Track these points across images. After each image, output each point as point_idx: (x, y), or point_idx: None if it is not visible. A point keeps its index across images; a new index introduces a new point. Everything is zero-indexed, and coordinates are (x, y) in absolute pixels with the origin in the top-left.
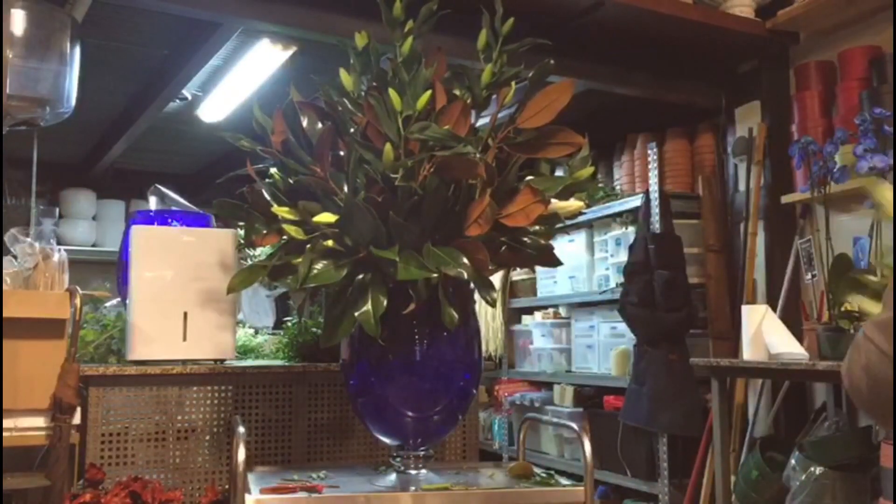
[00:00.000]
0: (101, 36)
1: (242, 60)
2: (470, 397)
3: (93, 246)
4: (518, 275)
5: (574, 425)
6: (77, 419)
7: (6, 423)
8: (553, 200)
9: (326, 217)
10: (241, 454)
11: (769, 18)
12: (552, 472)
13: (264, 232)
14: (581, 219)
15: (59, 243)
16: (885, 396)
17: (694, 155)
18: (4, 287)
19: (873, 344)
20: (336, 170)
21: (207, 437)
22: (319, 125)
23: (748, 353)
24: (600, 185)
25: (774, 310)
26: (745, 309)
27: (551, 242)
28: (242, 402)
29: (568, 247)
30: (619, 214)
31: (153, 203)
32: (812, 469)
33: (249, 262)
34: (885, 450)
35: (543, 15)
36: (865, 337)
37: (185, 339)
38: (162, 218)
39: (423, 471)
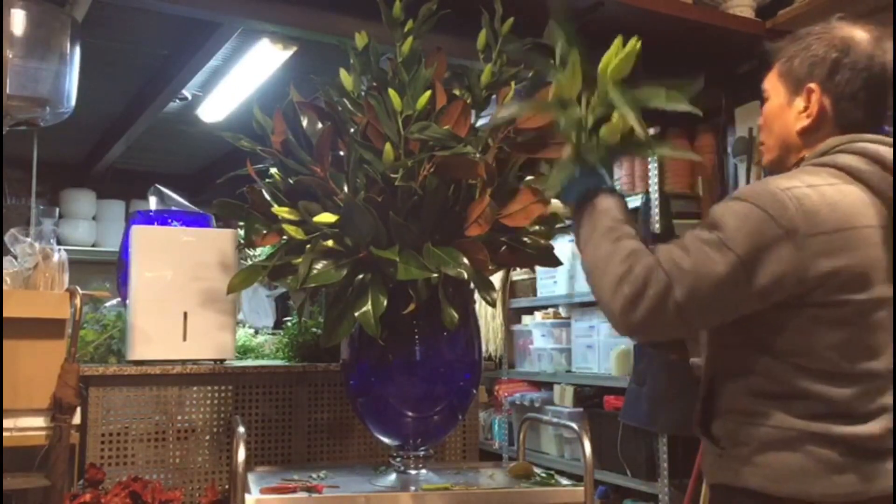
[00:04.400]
0: (101, 36)
1: (242, 60)
2: (470, 397)
3: (93, 246)
4: (518, 275)
5: (574, 425)
6: (77, 419)
7: (6, 423)
8: (553, 200)
9: (326, 217)
10: (241, 454)
11: (769, 18)
12: (552, 472)
13: (264, 232)
14: None
15: (59, 243)
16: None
17: None
18: (4, 287)
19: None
20: (336, 170)
21: (207, 437)
22: (319, 125)
23: None
24: None
25: None
26: None
27: (551, 242)
28: (242, 402)
29: (568, 247)
30: None
31: (153, 203)
32: None
33: (249, 262)
34: None
35: (543, 15)
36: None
37: (185, 339)
38: (162, 218)
39: (423, 471)
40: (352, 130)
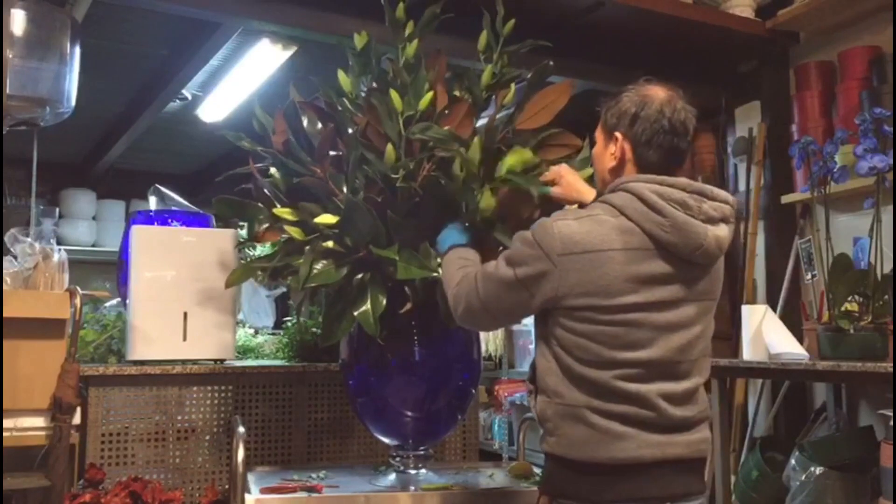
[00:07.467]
0: (101, 36)
1: (242, 60)
2: (469, 397)
3: (93, 246)
4: None
5: None
6: (77, 419)
7: (6, 423)
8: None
9: (327, 219)
10: (241, 454)
11: (769, 18)
12: None
13: (266, 225)
14: None
15: (59, 243)
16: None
17: (694, 155)
18: (4, 287)
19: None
20: (336, 170)
21: (207, 437)
22: (320, 125)
23: (748, 353)
24: None
25: (774, 310)
26: (745, 309)
27: None
28: (242, 402)
29: None
30: None
31: (153, 203)
32: (812, 469)
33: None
34: (885, 450)
35: (543, 15)
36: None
37: (185, 339)
38: (162, 218)
39: (423, 471)
40: (350, 131)
